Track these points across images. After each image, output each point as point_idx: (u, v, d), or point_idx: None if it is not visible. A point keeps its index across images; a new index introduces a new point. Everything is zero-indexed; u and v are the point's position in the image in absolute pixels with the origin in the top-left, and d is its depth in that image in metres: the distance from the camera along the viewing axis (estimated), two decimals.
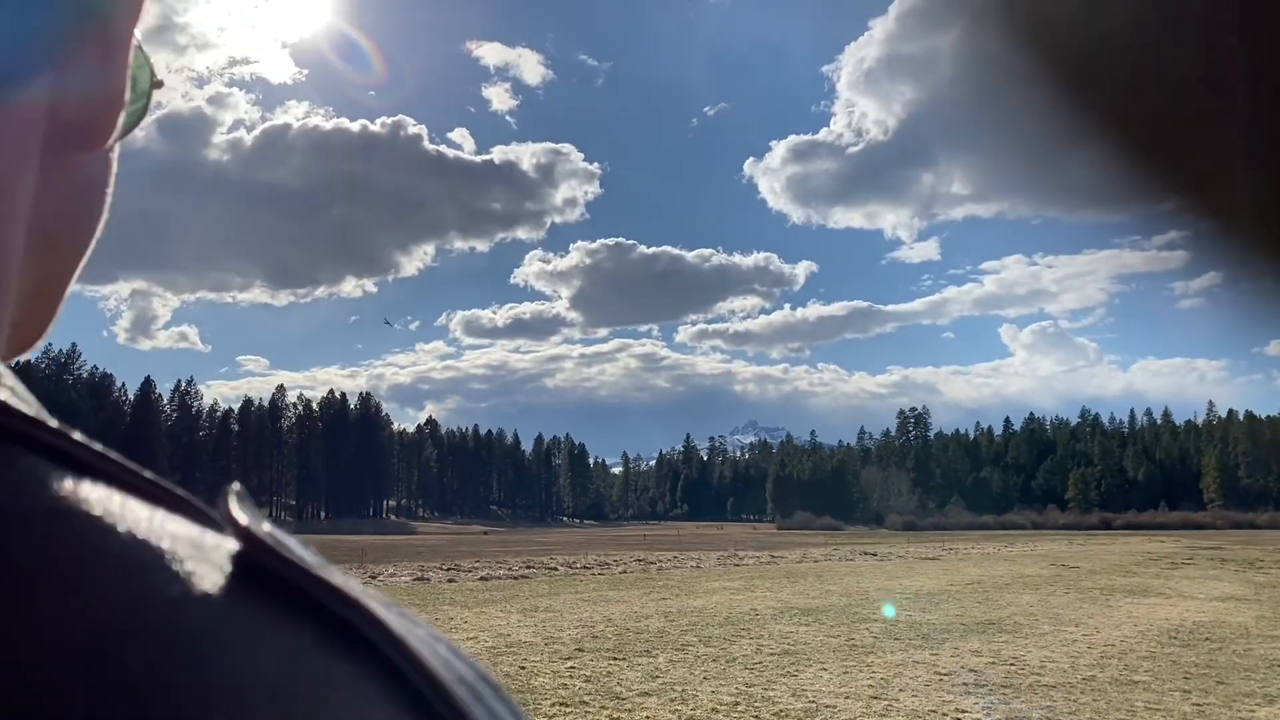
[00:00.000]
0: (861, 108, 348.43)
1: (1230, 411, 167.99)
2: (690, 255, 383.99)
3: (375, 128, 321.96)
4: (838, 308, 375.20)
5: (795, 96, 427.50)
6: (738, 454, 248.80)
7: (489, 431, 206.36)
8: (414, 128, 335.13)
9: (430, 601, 20.53)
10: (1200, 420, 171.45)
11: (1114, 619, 17.89)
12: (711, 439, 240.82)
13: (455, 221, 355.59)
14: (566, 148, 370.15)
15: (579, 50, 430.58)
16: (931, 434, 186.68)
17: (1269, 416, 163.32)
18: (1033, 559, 38.29)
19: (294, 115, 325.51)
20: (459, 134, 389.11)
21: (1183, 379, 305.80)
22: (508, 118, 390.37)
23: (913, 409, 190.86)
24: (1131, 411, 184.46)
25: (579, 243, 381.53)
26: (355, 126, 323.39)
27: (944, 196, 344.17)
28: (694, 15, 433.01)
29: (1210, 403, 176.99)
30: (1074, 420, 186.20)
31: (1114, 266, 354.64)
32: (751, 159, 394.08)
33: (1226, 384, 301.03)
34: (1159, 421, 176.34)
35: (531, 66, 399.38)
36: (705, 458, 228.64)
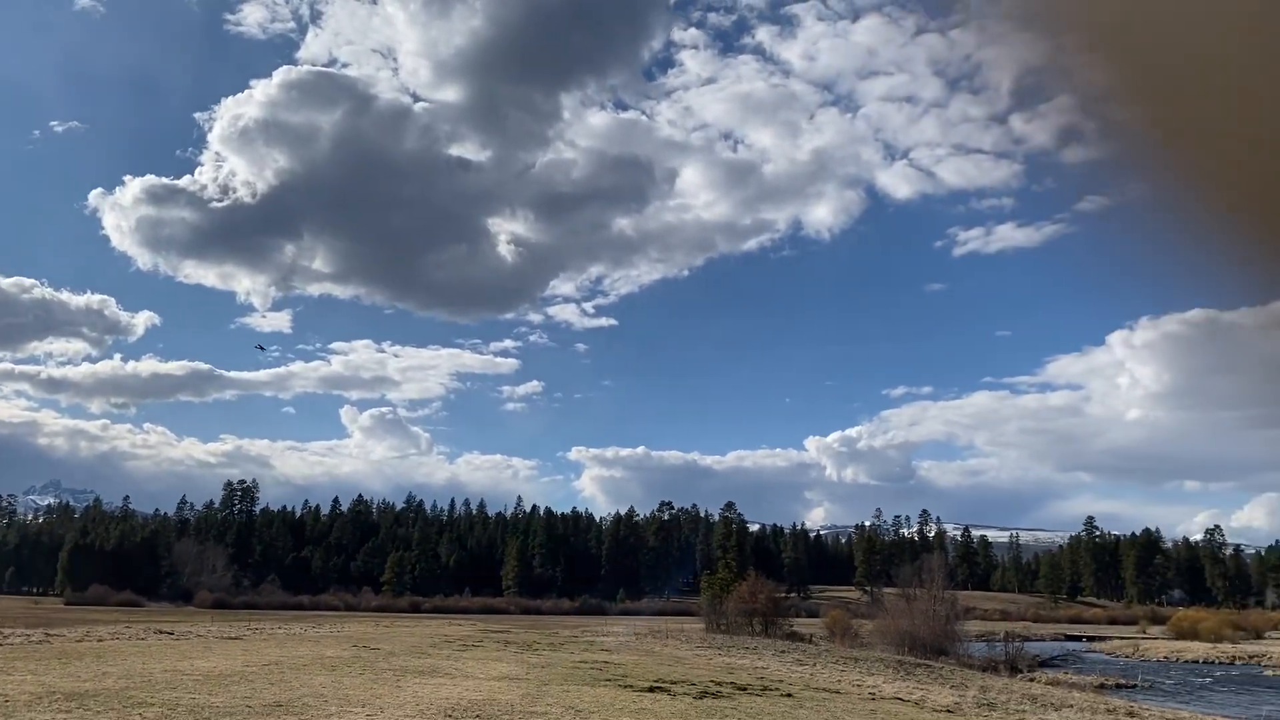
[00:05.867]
0: (232, 165, 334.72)
1: (534, 507, 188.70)
2: (6, 281, 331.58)
3: None
4: (176, 367, 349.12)
5: (161, 136, 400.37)
6: (30, 516, 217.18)
7: None
8: None
9: None
10: (509, 513, 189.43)
11: (400, 699, 18.44)
12: None
13: None
14: None
15: None
16: (258, 509, 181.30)
17: (562, 513, 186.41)
18: (337, 640, 38.44)
19: None
20: None
21: (500, 474, 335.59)
22: None
23: (241, 481, 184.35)
24: (452, 501, 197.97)
25: None
26: None
27: (304, 271, 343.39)
28: (54, 17, 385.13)
29: (519, 498, 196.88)
30: (400, 505, 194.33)
31: (454, 365, 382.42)
32: (100, 190, 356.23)
33: (534, 482, 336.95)
34: (474, 512, 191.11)
35: None
36: None
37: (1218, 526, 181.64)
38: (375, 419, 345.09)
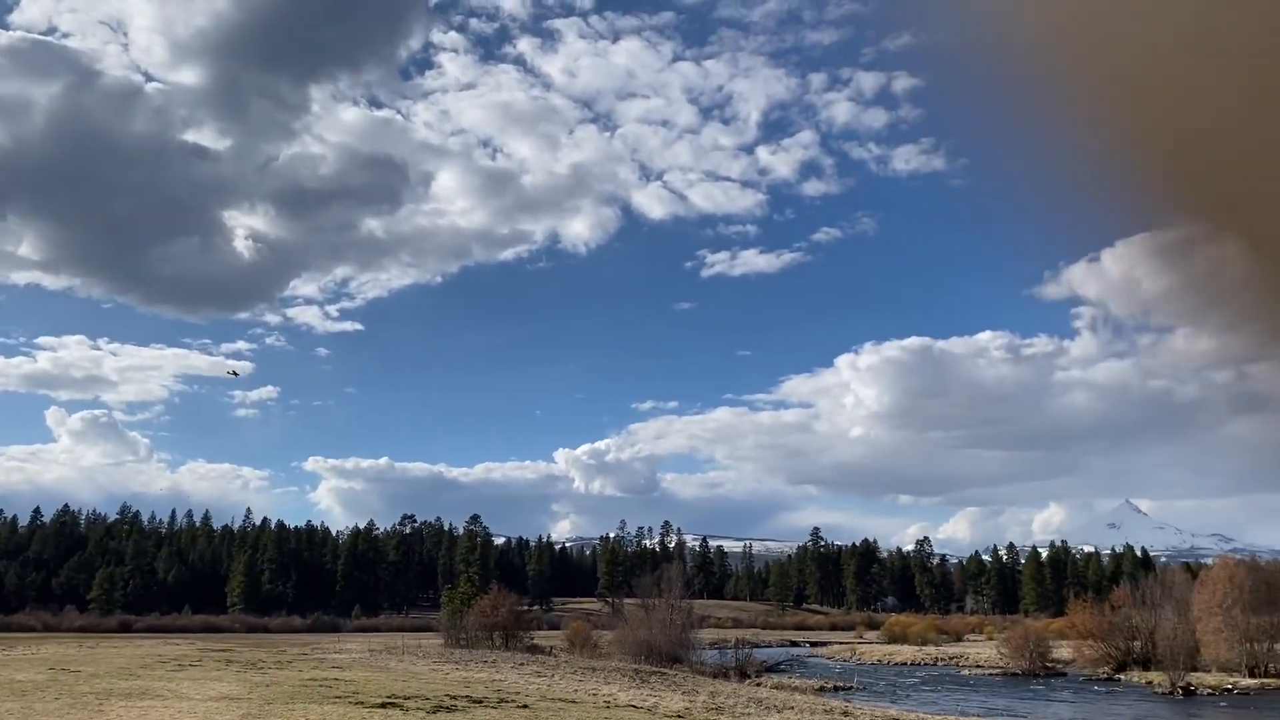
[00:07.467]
0: None
1: (265, 519, 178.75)
2: None
3: None
4: None
5: None
6: None
7: None
8: None
9: None
10: (237, 526, 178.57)
11: None
12: None
13: None
14: None
15: None
16: None
17: (295, 526, 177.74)
18: (32, 663, 34.83)
19: None
20: None
21: (228, 484, 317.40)
22: None
23: None
24: (173, 512, 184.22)
25: None
26: None
27: (7, 256, 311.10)
28: None
29: (249, 509, 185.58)
30: (113, 517, 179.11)
31: (180, 366, 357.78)
32: None
33: (266, 493, 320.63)
34: (198, 524, 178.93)
35: None
36: None
37: (927, 538, 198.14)
38: (86, 422, 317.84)
